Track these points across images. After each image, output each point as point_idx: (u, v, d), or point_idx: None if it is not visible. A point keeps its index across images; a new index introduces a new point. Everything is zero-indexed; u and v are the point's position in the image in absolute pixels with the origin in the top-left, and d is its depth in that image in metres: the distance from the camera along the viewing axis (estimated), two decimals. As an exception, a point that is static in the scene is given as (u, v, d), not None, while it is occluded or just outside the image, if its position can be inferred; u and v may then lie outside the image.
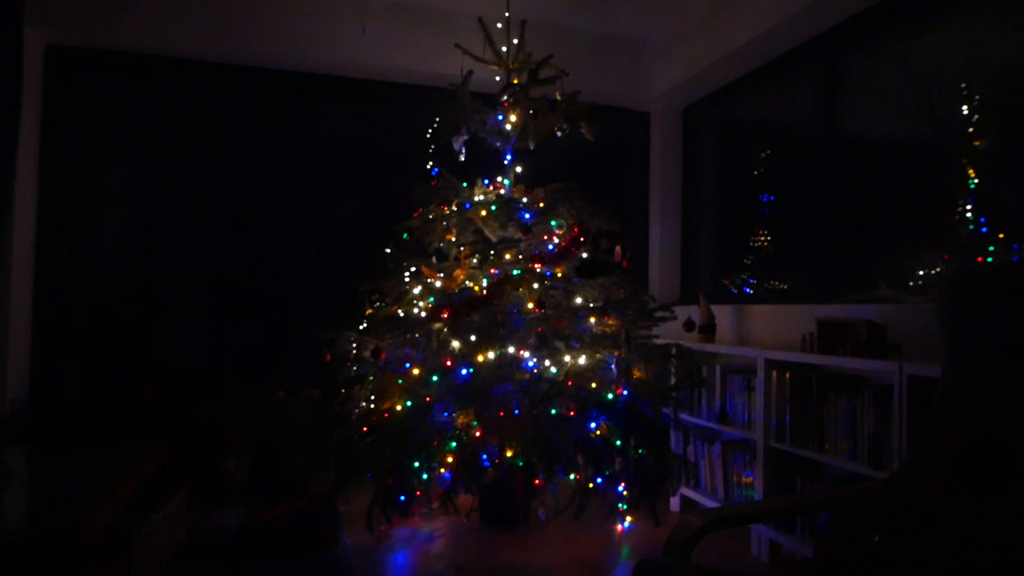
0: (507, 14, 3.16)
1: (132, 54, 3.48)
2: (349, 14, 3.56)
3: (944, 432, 1.27)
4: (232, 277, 3.91)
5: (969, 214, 2.44)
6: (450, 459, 2.57)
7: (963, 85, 2.51)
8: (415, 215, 3.04)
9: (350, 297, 3.12)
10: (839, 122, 3.13)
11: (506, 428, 2.48)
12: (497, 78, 3.13)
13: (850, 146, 3.11)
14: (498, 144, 3.10)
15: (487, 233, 2.97)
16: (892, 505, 1.24)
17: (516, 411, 2.49)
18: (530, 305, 2.68)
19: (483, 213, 2.90)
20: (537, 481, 2.70)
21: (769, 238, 3.65)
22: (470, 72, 2.94)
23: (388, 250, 3.01)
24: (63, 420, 3.10)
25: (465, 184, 3.03)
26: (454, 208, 2.96)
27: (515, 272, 2.78)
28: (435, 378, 2.63)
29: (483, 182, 3.07)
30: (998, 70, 2.46)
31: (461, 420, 2.59)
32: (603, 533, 2.82)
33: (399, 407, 2.65)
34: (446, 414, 2.58)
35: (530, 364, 2.68)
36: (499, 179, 3.11)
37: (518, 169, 3.14)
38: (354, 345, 2.91)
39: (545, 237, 2.98)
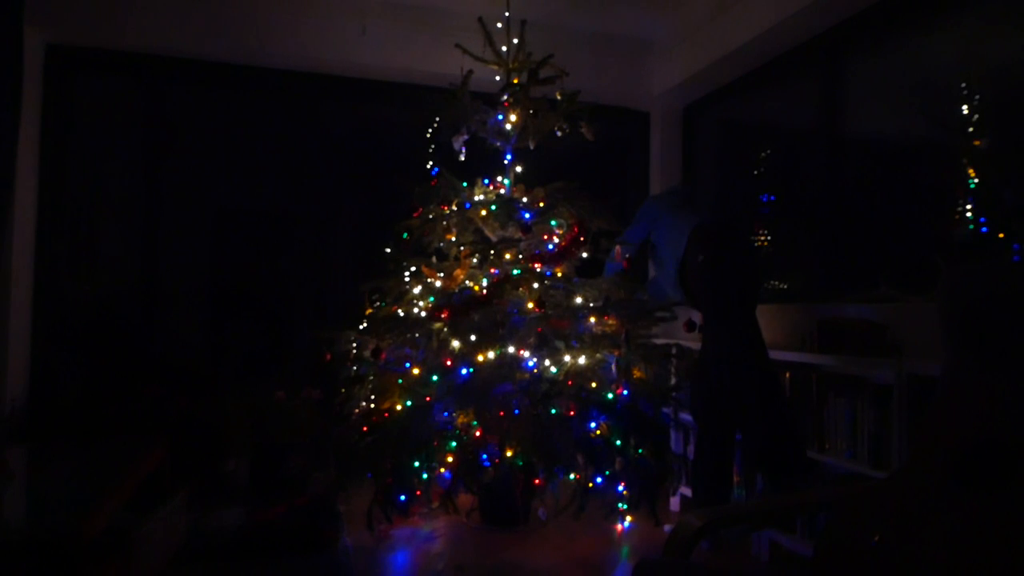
0: (507, 14, 3.16)
1: (132, 54, 3.48)
2: (349, 14, 3.56)
3: (944, 432, 1.27)
4: (232, 277, 3.91)
5: (969, 214, 2.44)
6: (450, 459, 2.56)
7: (963, 85, 2.51)
8: (415, 215, 3.04)
9: (350, 297, 3.12)
10: (839, 122, 3.13)
11: (506, 428, 2.48)
12: (497, 78, 3.13)
13: (850, 146, 3.11)
14: (498, 144, 3.10)
15: (487, 233, 2.97)
16: (892, 505, 1.24)
17: (516, 411, 2.49)
18: (530, 305, 2.67)
19: (483, 213, 2.90)
20: (537, 481, 2.69)
21: (769, 238, 3.65)
22: (470, 72, 2.93)
23: (388, 250, 3.01)
24: (63, 419, 3.10)
25: (465, 184, 3.03)
26: (454, 208, 2.96)
27: (515, 272, 2.78)
28: (435, 378, 2.63)
29: (483, 182, 3.07)
30: (998, 70, 2.46)
31: (461, 420, 2.59)
32: (603, 533, 2.82)
33: (399, 407, 2.65)
34: (446, 414, 2.58)
35: (530, 364, 2.68)
36: (499, 179, 3.11)
37: (518, 169, 3.14)
38: (354, 345, 2.91)
39: (545, 237, 2.98)
